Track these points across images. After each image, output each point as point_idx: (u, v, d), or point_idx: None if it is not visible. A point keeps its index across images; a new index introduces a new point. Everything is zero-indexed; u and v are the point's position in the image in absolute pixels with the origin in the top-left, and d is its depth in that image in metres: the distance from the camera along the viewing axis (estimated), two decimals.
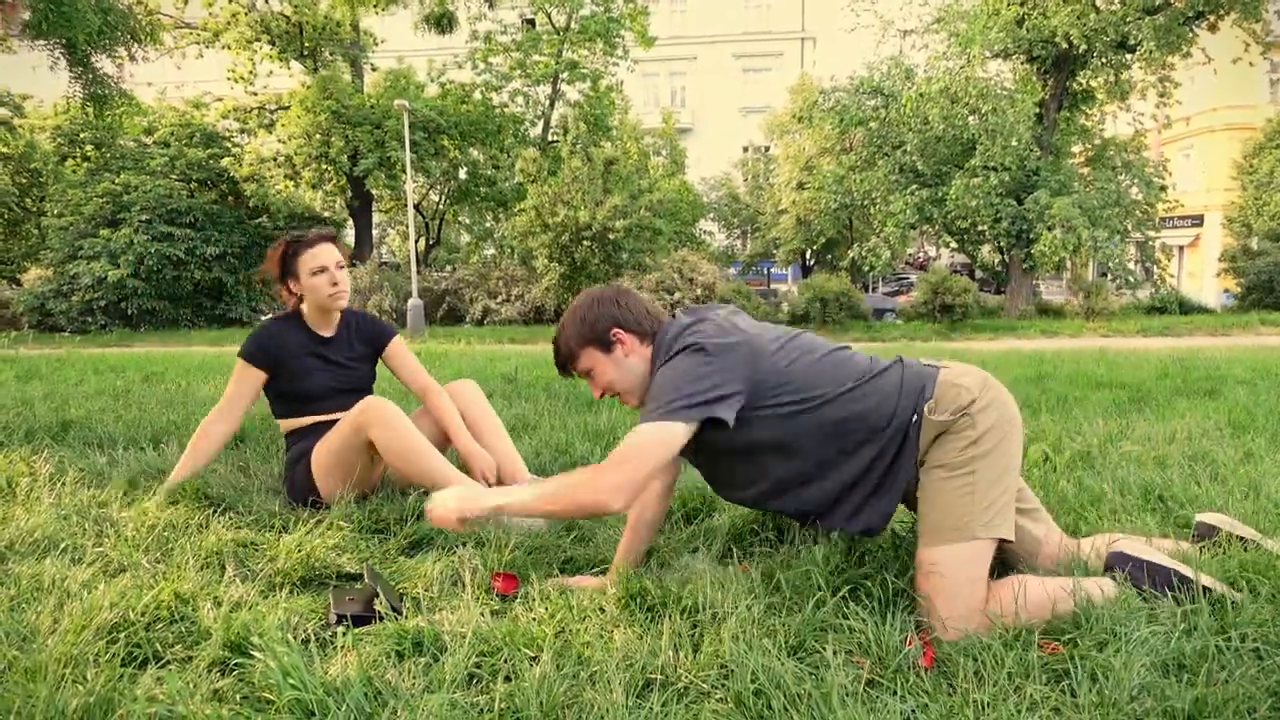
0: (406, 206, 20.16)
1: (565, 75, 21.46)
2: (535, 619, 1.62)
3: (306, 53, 20.39)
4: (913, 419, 1.68)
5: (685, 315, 1.84)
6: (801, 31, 34.12)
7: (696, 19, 34.31)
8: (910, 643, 1.49)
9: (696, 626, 1.57)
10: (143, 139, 21.38)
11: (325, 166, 20.44)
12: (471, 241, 25.66)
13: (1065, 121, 18.24)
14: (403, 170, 19.10)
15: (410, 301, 17.76)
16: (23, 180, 23.09)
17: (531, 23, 22.35)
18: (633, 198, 16.85)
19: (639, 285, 17.11)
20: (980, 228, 17.66)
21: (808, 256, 28.56)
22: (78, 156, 21.67)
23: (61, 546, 2.01)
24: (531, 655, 1.47)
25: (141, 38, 13.52)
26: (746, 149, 32.28)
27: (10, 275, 24.13)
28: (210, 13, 19.91)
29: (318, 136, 19.72)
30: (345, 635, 1.54)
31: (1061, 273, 22.86)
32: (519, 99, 22.05)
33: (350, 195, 21.59)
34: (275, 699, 1.32)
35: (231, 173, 20.62)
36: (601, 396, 1.90)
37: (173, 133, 20.99)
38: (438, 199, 23.89)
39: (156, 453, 3.10)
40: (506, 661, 1.45)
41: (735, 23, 34.20)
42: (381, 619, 1.60)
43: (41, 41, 12.30)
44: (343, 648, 1.49)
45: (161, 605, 1.65)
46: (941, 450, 1.66)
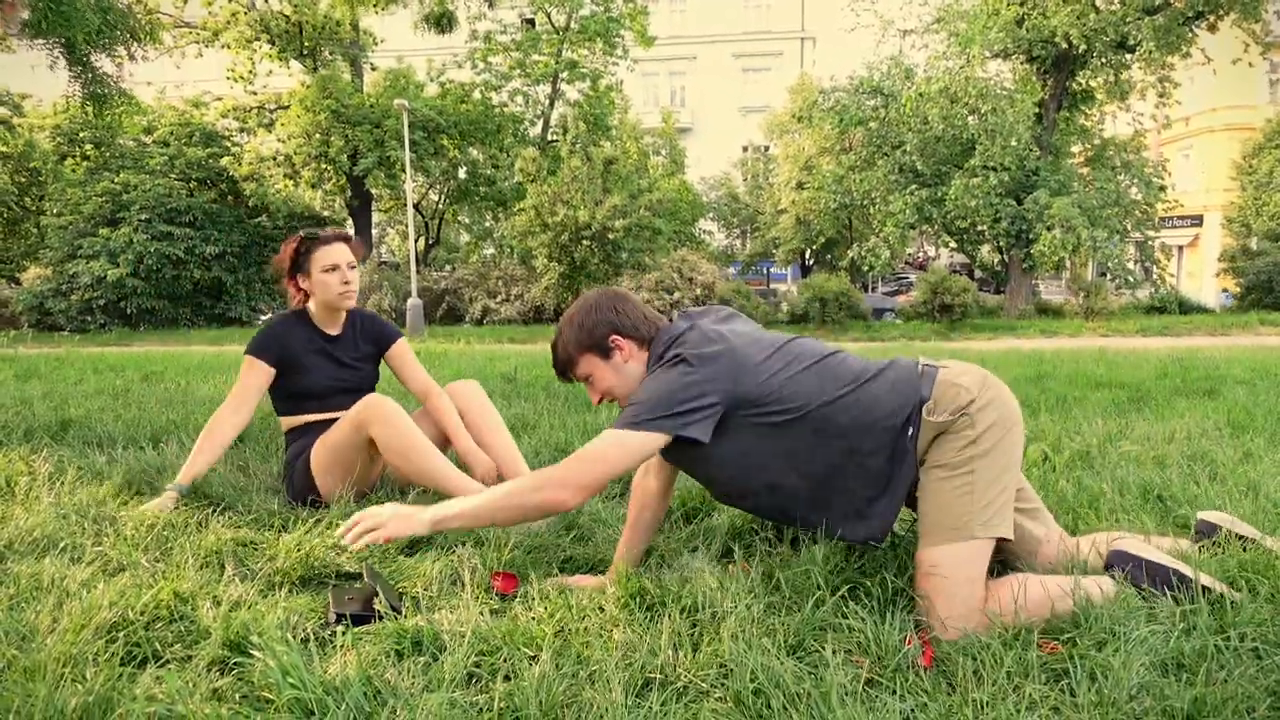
0: (406, 206, 20.16)
1: (565, 75, 21.46)
2: (535, 618, 1.62)
3: (306, 52, 20.38)
4: (908, 423, 1.67)
5: (680, 320, 1.84)
6: (801, 31, 34.13)
7: (696, 18, 34.32)
8: (909, 642, 1.49)
9: (696, 626, 1.57)
10: (142, 138, 21.38)
11: (325, 166, 20.43)
12: (471, 241, 25.66)
13: (1065, 121, 18.25)
14: (402, 170, 19.10)
15: (410, 301, 17.77)
16: (22, 179, 23.08)
17: (531, 22, 22.36)
18: (632, 197, 16.85)
19: (639, 285, 17.11)
20: (980, 228, 17.67)
21: (807, 256, 28.57)
22: (77, 156, 21.66)
23: (61, 546, 2.01)
24: (531, 654, 1.47)
25: (141, 37, 13.49)
26: (746, 149, 32.29)
27: (9, 274, 24.12)
28: (210, 12, 19.90)
29: (317, 136, 19.71)
30: (345, 634, 1.54)
31: (1061, 272, 22.88)
32: (518, 98, 22.06)
33: (350, 195, 21.59)
34: (275, 698, 1.32)
35: (231, 172, 20.62)
36: (600, 401, 1.91)
37: (172, 132, 20.99)
38: (437, 198, 23.89)
39: (156, 452, 3.10)
40: (506, 661, 1.45)
41: (735, 22, 34.20)
42: (381, 618, 1.60)
43: (41, 40, 12.28)
44: (342, 647, 1.49)
45: (161, 604, 1.65)
46: (940, 450, 1.66)
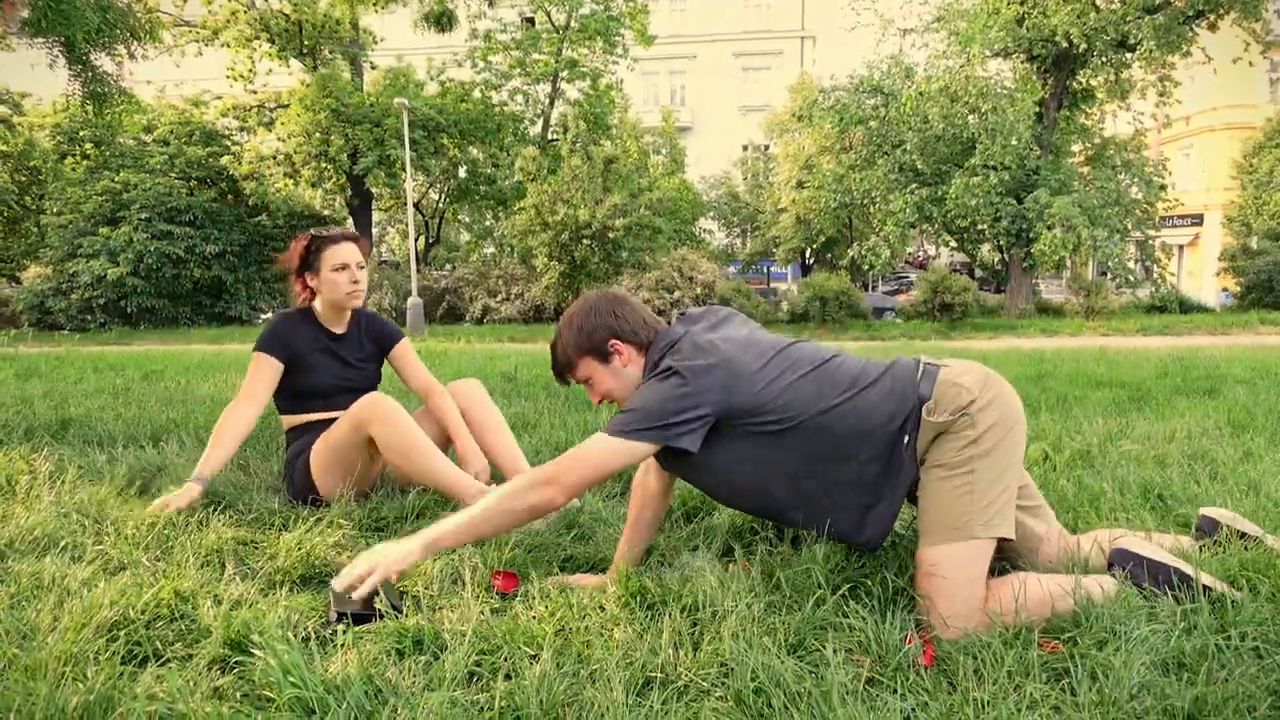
0: (406, 205, 20.15)
1: (565, 74, 21.45)
2: (535, 617, 1.62)
3: (306, 51, 20.37)
4: (905, 427, 1.66)
5: (678, 325, 1.84)
6: (801, 30, 34.11)
7: (696, 17, 34.30)
8: (910, 641, 1.49)
9: (696, 625, 1.57)
10: (142, 137, 21.38)
11: (325, 165, 20.42)
12: (471, 240, 25.67)
13: (1065, 120, 18.24)
14: (402, 168, 19.09)
15: (410, 300, 17.78)
16: (22, 178, 23.08)
17: (531, 21, 22.35)
18: (632, 196, 16.84)
19: (639, 284, 17.10)
20: (980, 227, 17.67)
21: (807, 255, 28.57)
22: (77, 154, 21.66)
23: (61, 544, 2.01)
24: (531, 653, 1.47)
25: (141, 35, 13.48)
26: (746, 148, 32.28)
27: (10, 273, 24.13)
28: (209, 11, 19.89)
29: (317, 135, 19.70)
30: (345, 633, 1.54)
31: (1061, 272, 22.90)
32: (519, 97, 22.05)
33: (350, 193, 21.58)
34: (275, 697, 1.32)
35: (231, 171, 20.61)
36: (600, 403, 1.92)
37: (172, 131, 20.98)
38: (437, 197, 23.88)
39: (156, 450, 3.10)
40: (507, 660, 1.45)
41: (735, 21, 34.19)
42: (381, 617, 1.60)
43: (40, 39, 12.28)
44: (343, 646, 1.49)
45: (161, 603, 1.65)
46: (941, 449, 1.65)
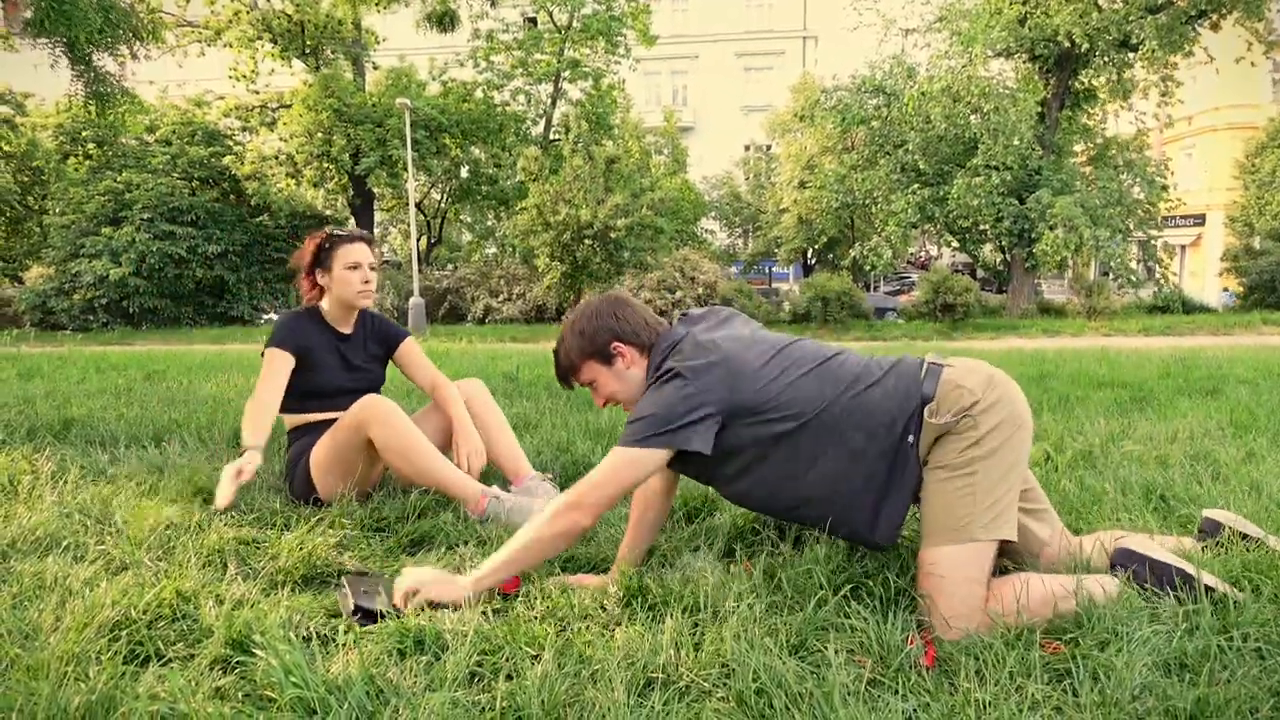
0: (408, 205, 20.17)
1: (567, 74, 21.46)
2: (537, 617, 1.62)
3: (308, 51, 20.39)
4: (909, 427, 1.66)
5: (679, 326, 1.85)
6: (803, 30, 34.10)
7: (698, 17, 34.30)
8: (911, 642, 1.49)
9: (698, 625, 1.56)
10: (144, 137, 21.42)
11: (327, 165, 20.45)
12: (473, 240, 25.69)
13: (1067, 120, 18.22)
14: (404, 169, 19.09)
15: (411, 300, 17.78)
16: (25, 178, 23.12)
17: (533, 21, 22.35)
18: (634, 196, 16.84)
19: (640, 284, 17.10)
20: (982, 227, 17.65)
21: (809, 255, 28.55)
22: (79, 155, 21.70)
23: (63, 544, 2.01)
24: (533, 654, 1.47)
25: (143, 36, 13.53)
26: (748, 148, 32.28)
27: (12, 273, 24.17)
28: (212, 11, 19.92)
29: (319, 135, 19.72)
30: (347, 633, 1.55)
31: (1063, 272, 22.87)
32: (521, 97, 22.06)
33: (352, 193, 21.61)
34: (277, 697, 1.33)
35: (233, 171, 20.64)
36: (605, 405, 1.92)
37: (174, 131, 21.02)
38: (439, 197, 23.90)
39: (158, 450, 3.10)
40: (508, 660, 1.45)
41: (737, 21, 34.19)
42: (383, 617, 1.60)
43: (43, 40, 12.31)
44: (344, 646, 1.50)
45: (163, 603, 1.65)
46: (943, 450, 1.65)
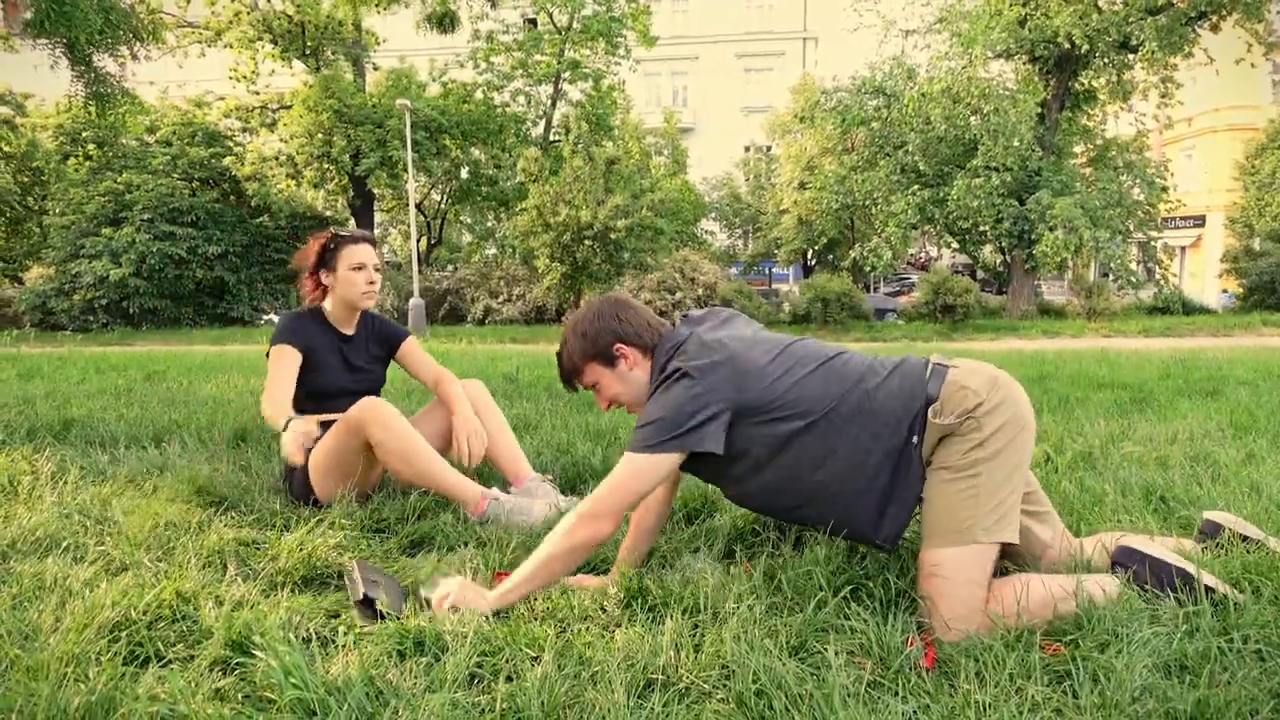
0: (408, 206, 20.17)
1: (567, 75, 21.46)
2: (537, 619, 1.62)
3: (308, 52, 20.40)
4: (914, 427, 1.66)
5: (682, 327, 1.84)
6: (803, 31, 34.10)
7: (698, 18, 34.30)
8: (912, 643, 1.49)
9: (698, 626, 1.57)
10: (145, 138, 21.41)
11: (327, 166, 20.46)
12: (473, 241, 25.67)
13: (1067, 122, 18.22)
14: (404, 169, 19.10)
15: (411, 301, 17.78)
16: (25, 179, 23.13)
17: (533, 22, 22.36)
18: (634, 197, 16.84)
19: (640, 285, 17.10)
20: (982, 228, 17.66)
21: (809, 256, 28.56)
22: (80, 155, 21.71)
23: (63, 545, 2.01)
24: (533, 655, 1.47)
25: (143, 36, 13.52)
26: (748, 149, 32.28)
27: (12, 274, 24.17)
28: (212, 12, 19.93)
29: (320, 136, 19.73)
30: (347, 634, 1.55)
31: (1063, 273, 22.85)
32: (521, 98, 22.06)
33: (352, 194, 21.61)
34: (277, 698, 1.33)
35: (233, 172, 20.65)
36: (609, 408, 1.91)
37: (175, 132, 21.02)
38: (439, 198, 23.90)
39: (159, 451, 3.10)
40: (508, 661, 1.45)
41: (737, 22, 34.19)
42: (383, 617, 1.60)
43: (43, 40, 12.31)
44: (344, 647, 1.50)
45: (163, 604, 1.65)
46: (946, 452, 1.64)
